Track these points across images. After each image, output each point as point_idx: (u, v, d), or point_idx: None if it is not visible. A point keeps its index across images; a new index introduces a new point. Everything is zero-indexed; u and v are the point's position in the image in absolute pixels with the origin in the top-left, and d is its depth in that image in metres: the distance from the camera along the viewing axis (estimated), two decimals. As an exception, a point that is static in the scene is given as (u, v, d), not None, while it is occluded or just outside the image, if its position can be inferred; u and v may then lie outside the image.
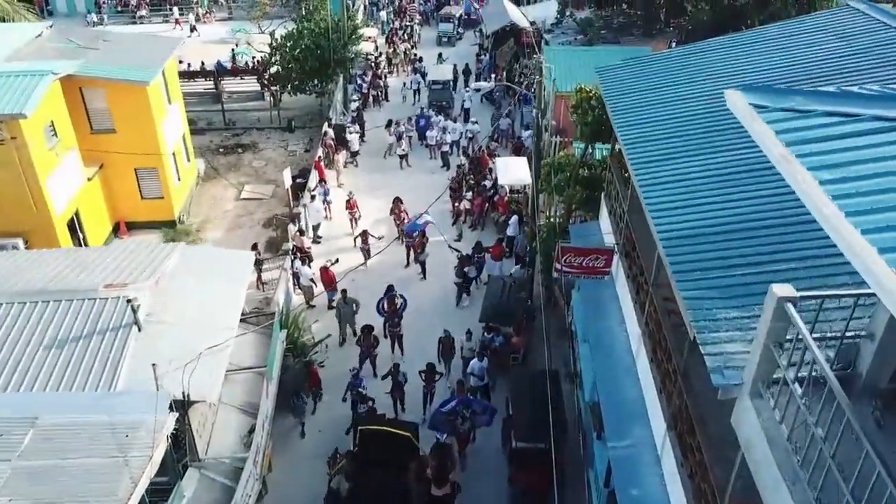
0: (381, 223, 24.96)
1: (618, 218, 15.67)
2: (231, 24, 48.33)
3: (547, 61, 29.08)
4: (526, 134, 28.77)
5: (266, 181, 27.92)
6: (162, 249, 15.15)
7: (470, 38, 44.06)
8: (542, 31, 35.29)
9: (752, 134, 5.75)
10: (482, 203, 24.61)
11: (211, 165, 28.95)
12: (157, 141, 23.27)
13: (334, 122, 29.70)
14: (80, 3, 50.70)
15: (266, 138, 31.54)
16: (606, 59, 29.90)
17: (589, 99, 17.80)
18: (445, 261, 21.86)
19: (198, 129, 32.09)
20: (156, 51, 24.28)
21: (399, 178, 28.02)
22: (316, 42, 30.12)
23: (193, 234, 24.63)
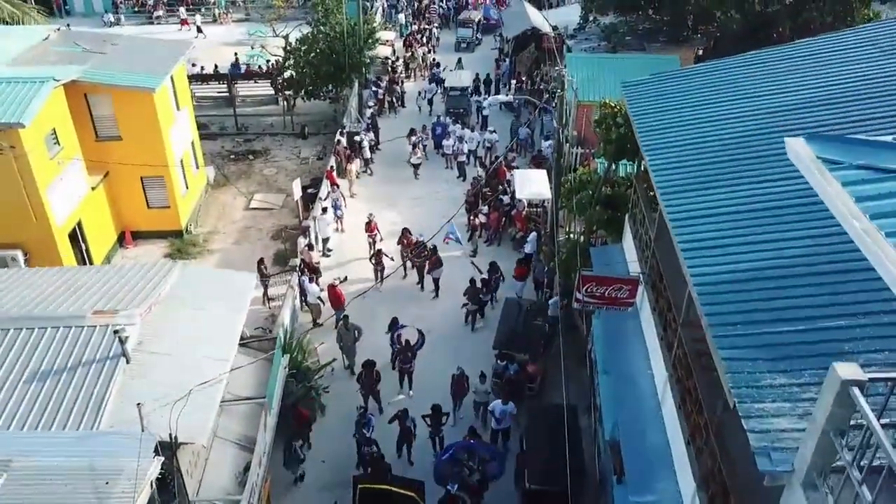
0: (394, 237, 24.04)
1: (643, 244, 14.64)
2: (248, 25, 47.74)
3: (569, 69, 28.06)
4: (546, 144, 27.73)
5: (277, 190, 27.11)
6: (159, 270, 14.34)
7: (489, 43, 43.01)
8: (565, 36, 34.20)
9: (822, 195, 4.74)
10: (499, 218, 23.61)
11: (221, 172, 28.21)
12: (164, 149, 22.54)
13: (348, 129, 28.82)
14: (97, 2, 50.35)
15: (278, 145, 30.76)
16: (631, 67, 28.90)
17: (614, 115, 16.73)
18: (461, 277, 20.90)
19: (209, 133, 31.41)
20: (165, 55, 23.54)
21: (413, 188, 27.12)
22: (331, 46, 29.29)
23: (200, 245, 23.88)
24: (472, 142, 27.92)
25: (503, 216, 23.74)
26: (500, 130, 29.84)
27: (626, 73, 28.63)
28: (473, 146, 27.92)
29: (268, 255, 23.02)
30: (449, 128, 28.70)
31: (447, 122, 29.26)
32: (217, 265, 22.85)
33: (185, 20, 46.18)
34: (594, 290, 14.14)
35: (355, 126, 29.28)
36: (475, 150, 28.03)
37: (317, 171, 28.09)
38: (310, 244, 21.06)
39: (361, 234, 23.91)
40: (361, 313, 18.86)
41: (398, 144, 29.06)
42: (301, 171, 28.47)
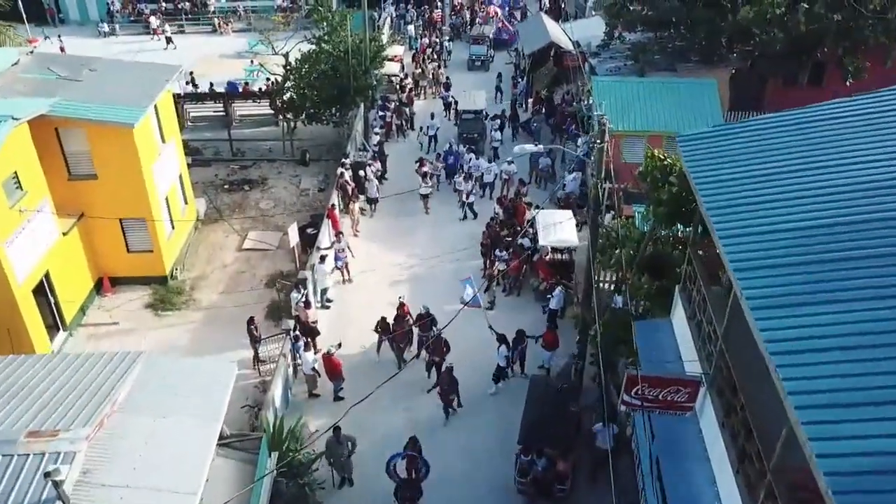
0: (401, 284, 21.59)
1: (704, 334, 12.11)
2: (250, 36, 45.28)
3: (596, 94, 25.51)
4: (570, 178, 25.17)
5: (273, 227, 24.64)
6: (119, 364, 11.87)
7: (501, 57, 40.28)
8: (588, 53, 31.64)
9: None
10: (519, 265, 21.08)
11: (213, 205, 25.79)
12: (146, 188, 20.12)
13: (353, 159, 26.34)
14: (92, 11, 48.07)
15: (277, 172, 28.30)
16: (665, 92, 26.30)
17: (664, 169, 14.15)
18: (475, 339, 18.43)
19: (202, 159, 29.04)
20: (148, 82, 21.12)
21: (423, 225, 24.55)
22: (334, 67, 26.80)
23: (186, 293, 21.45)
24: (489, 173, 25.37)
25: (524, 263, 21.21)
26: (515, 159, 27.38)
27: (660, 98, 26.22)
28: (490, 178, 25.37)
29: (261, 306, 20.61)
30: (463, 157, 26.11)
31: (461, 151, 26.70)
32: (204, 319, 20.44)
33: (156, 30, 43.72)
34: (645, 391, 11.62)
35: (360, 155, 26.79)
36: (492, 181, 25.49)
37: (318, 206, 25.64)
38: (306, 301, 18.57)
39: (365, 281, 21.51)
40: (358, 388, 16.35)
41: (407, 173, 26.61)
42: (300, 205, 26.03)
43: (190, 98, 32.08)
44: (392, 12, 44.62)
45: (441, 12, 45.25)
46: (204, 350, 19.12)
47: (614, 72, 29.60)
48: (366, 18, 27.55)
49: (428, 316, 17.88)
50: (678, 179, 13.23)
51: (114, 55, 42.39)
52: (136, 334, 19.85)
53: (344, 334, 19.39)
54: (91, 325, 20.18)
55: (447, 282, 21.06)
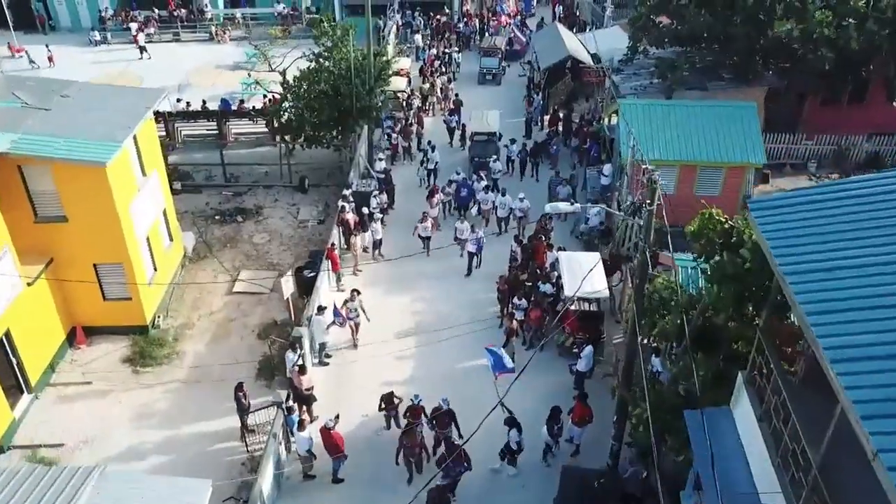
0: (408, 336, 19.36)
1: (787, 454, 9.81)
2: (248, 45, 43.00)
3: (622, 119, 23.21)
4: (593, 212, 22.83)
5: (267, 266, 22.42)
6: (67, 483, 9.65)
7: (513, 69, 37.82)
8: (609, 69, 29.30)
9: None
10: (541, 316, 18.78)
11: (202, 239, 23.57)
12: (123, 231, 17.90)
13: (354, 189, 24.08)
14: (84, 18, 45.88)
15: (273, 200, 26.04)
16: (699, 116, 23.77)
17: (726, 234, 11.80)
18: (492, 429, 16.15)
19: (193, 185, 26.84)
20: (127, 110, 18.91)
21: (428, 270, 22.01)
22: (335, 86, 24.51)
23: (169, 344, 19.23)
24: (502, 207, 23.02)
25: (546, 314, 18.90)
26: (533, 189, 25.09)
27: (694, 123, 23.65)
28: (504, 213, 23.00)
29: (251, 364, 18.39)
30: (477, 192, 23.71)
31: (471, 183, 24.23)
32: (187, 377, 18.22)
33: (136, 37, 41.47)
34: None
35: (363, 184, 24.52)
36: (506, 217, 23.10)
37: (317, 239, 23.41)
38: (301, 366, 16.30)
39: (369, 331, 19.25)
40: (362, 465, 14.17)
41: (416, 203, 24.34)
42: (298, 238, 23.78)
43: (180, 116, 29.91)
44: (398, 20, 42.31)
45: (449, 20, 42.89)
46: (185, 418, 16.92)
47: (639, 90, 27.24)
48: (369, 31, 25.18)
49: (447, 412, 15.29)
50: (751, 254, 10.86)
51: (103, 64, 40.60)
52: (110, 397, 17.65)
53: (344, 398, 17.19)
54: (61, 384, 17.97)
55: (461, 333, 18.84)
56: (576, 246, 22.73)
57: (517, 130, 30.76)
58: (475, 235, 21.25)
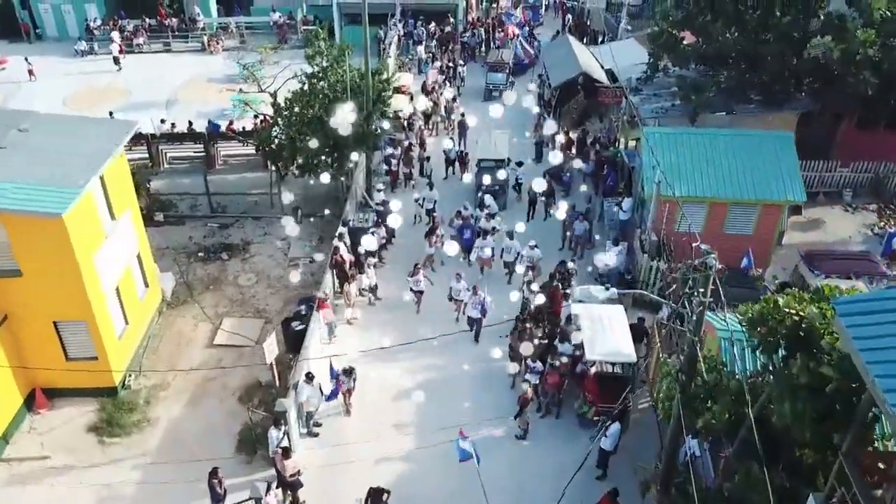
0: (409, 398, 17.22)
1: None
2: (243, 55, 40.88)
3: (646, 148, 21.06)
4: (615, 251, 20.68)
5: (253, 312, 20.33)
6: None
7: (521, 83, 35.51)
8: (627, 88, 27.14)
9: None
10: (559, 382, 16.62)
11: (183, 280, 21.47)
12: (84, 285, 15.80)
13: (352, 223, 21.99)
14: (72, 27, 43.74)
15: (262, 234, 23.92)
16: (731, 146, 21.39)
17: (797, 332, 9.60)
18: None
19: (176, 216, 24.76)
20: (94, 146, 16.81)
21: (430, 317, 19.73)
22: (329, 111, 22.34)
23: (139, 409, 17.16)
24: (508, 252, 20.70)
25: (564, 378, 16.75)
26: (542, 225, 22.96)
27: (726, 154, 21.10)
28: (511, 257, 20.74)
29: (231, 433, 16.30)
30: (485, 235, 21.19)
31: (476, 220, 21.95)
32: (158, 450, 16.16)
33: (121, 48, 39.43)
34: None
35: (360, 219, 22.41)
36: (513, 260, 20.78)
37: (309, 282, 21.27)
38: (285, 448, 14.18)
39: (362, 392, 17.15)
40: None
41: (416, 239, 22.28)
42: (287, 280, 21.52)
43: (164, 139, 27.82)
44: (399, 30, 40.10)
45: (454, 30, 40.67)
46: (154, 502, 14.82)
47: (660, 113, 25.09)
48: (367, 49, 22.90)
49: None
50: (835, 369, 8.68)
51: (88, 75, 38.47)
52: (72, 475, 15.59)
53: (335, 479, 15.11)
54: (15, 459, 15.88)
55: (467, 394, 16.79)
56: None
57: (526, 152, 28.64)
58: (478, 298, 18.48)
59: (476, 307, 18.32)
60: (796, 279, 20.04)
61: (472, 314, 18.50)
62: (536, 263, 20.09)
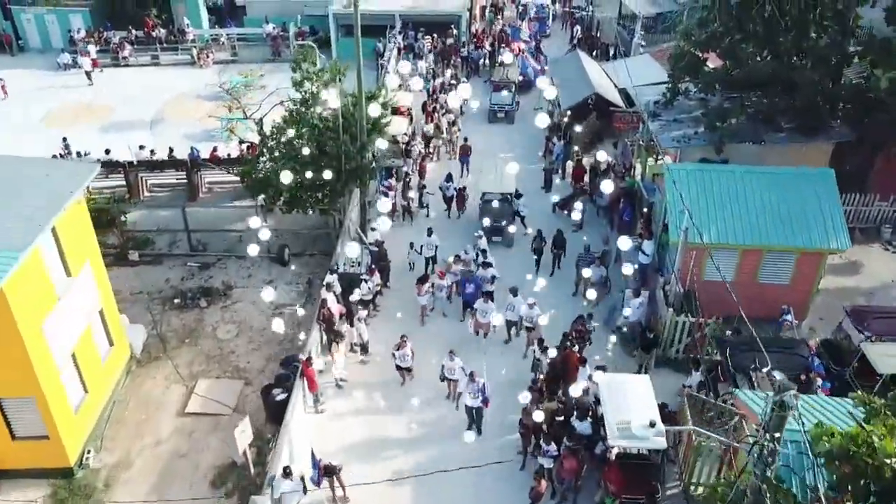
0: (402, 480, 15.04)
1: None
2: (233, 68, 38.90)
3: (671, 187, 18.91)
4: (635, 303, 18.51)
5: (232, 371, 18.24)
6: None
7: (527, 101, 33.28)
8: (644, 113, 24.96)
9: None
10: (577, 467, 14.45)
11: (156, 331, 19.38)
12: (31, 359, 13.71)
13: (343, 268, 19.91)
14: (55, 38, 41.70)
15: (246, 276, 21.83)
16: (765, 185, 19.08)
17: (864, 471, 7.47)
18: None
19: (153, 255, 22.69)
20: (46, 194, 14.70)
21: (428, 377, 17.60)
22: (320, 142, 20.28)
23: (97, 493, 15.07)
24: (511, 310, 18.08)
25: (582, 462, 14.59)
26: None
27: (760, 194, 18.40)
28: (514, 317, 18.29)
29: (201, 528, 14.19)
30: (476, 301, 18.26)
31: (478, 276, 19.35)
32: (115, 550, 14.03)
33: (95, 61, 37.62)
34: None
35: (352, 260, 20.30)
36: (516, 322, 18.36)
37: (294, 336, 19.11)
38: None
39: (351, 477, 14.99)
40: None
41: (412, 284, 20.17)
42: (271, 332, 19.40)
43: (144, 167, 25.75)
44: (399, 42, 37.96)
45: (456, 42, 38.48)
46: None
47: (682, 142, 22.89)
48: (360, 72, 20.57)
49: None
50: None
51: (70, 90, 36.29)
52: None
53: None
54: (-50, 559, 13.83)
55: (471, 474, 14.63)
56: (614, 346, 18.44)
57: (534, 180, 26.52)
58: (476, 385, 15.41)
59: (476, 395, 15.56)
60: (840, 338, 17.87)
61: (470, 403, 15.70)
62: (536, 324, 17.68)
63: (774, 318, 18.74)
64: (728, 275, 18.59)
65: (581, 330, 17.27)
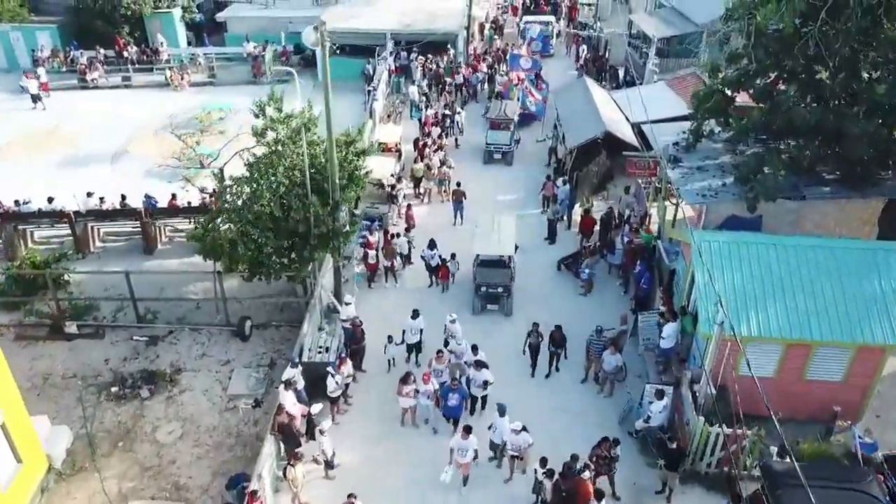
0: None
1: None
2: (211, 92, 35.88)
3: (698, 261, 15.72)
4: (658, 408, 15.32)
5: (171, 489, 15.04)
6: None
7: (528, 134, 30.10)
8: (662, 158, 21.83)
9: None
10: None
11: (85, 430, 16.27)
12: None
13: (308, 356, 16.80)
14: (22, 57, 38.62)
15: (199, 354, 18.69)
16: (820, 264, 15.88)
17: None
18: None
19: (95, 325, 19.63)
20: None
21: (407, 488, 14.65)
22: (284, 203, 17.16)
23: None
24: (495, 432, 14.49)
25: None
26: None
27: (809, 275, 15.09)
28: (500, 440, 14.57)
29: None
30: (457, 435, 14.35)
31: (471, 379, 15.79)
32: None
33: (44, 84, 34.58)
34: None
35: (320, 344, 17.21)
36: (501, 446, 14.66)
37: (249, 438, 16.04)
38: None
39: None
40: None
41: (391, 376, 17.14)
42: (223, 434, 16.35)
43: (93, 217, 22.67)
44: (390, 64, 34.88)
45: (451, 64, 35.31)
46: None
47: (708, 195, 19.71)
48: (330, 127, 17.16)
49: None
50: None
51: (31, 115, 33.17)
52: None
53: None
54: None
55: None
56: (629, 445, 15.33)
57: (537, 231, 23.46)
58: None
59: None
60: (910, 454, 14.69)
61: None
62: (524, 452, 14.32)
63: (824, 420, 15.72)
64: (769, 370, 15.52)
65: (605, 455, 13.99)
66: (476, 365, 15.48)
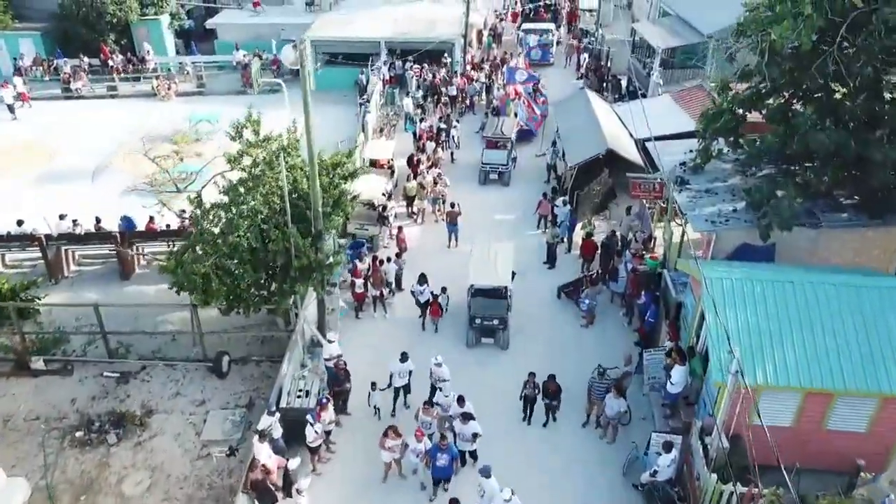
0: None
1: None
2: (200, 101, 34.63)
3: (709, 303, 14.47)
4: (665, 461, 14.06)
5: (135, 550, 13.86)
6: None
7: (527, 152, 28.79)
8: (668, 181, 20.58)
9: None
10: None
11: (46, 483, 15.03)
12: None
13: (287, 402, 15.57)
14: (5, 63, 37.50)
15: (173, 393, 17.44)
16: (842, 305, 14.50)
17: None
18: None
19: (63, 360, 18.37)
20: None
21: None
22: (261, 235, 15.94)
23: None
24: (482, 496, 13.00)
25: None
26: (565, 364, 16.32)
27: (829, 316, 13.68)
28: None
29: None
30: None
31: (459, 434, 14.43)
32: None
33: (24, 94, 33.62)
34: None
35: (299, 387, 15.97)
36: None
37: (220, 492, 14.79)
38: None
39: None
40: None
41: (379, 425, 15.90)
42: (195, 485, 15.10)
43: (66, 239, 21.46)
44: (385, 73, 33.66)
45: (448, 74, 34.09)
46: None
47: (717, 221, 18.45)
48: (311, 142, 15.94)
49: None
50: None
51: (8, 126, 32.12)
52: None
53: None
54: None
55: None
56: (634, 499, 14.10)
57: (535, 253, 22.24)
58: None
59: None
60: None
61: None
62: None
63: (845, 472, 14.48)
64: (786, 419, 14.29)
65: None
66: (463, 417, 14.18)
